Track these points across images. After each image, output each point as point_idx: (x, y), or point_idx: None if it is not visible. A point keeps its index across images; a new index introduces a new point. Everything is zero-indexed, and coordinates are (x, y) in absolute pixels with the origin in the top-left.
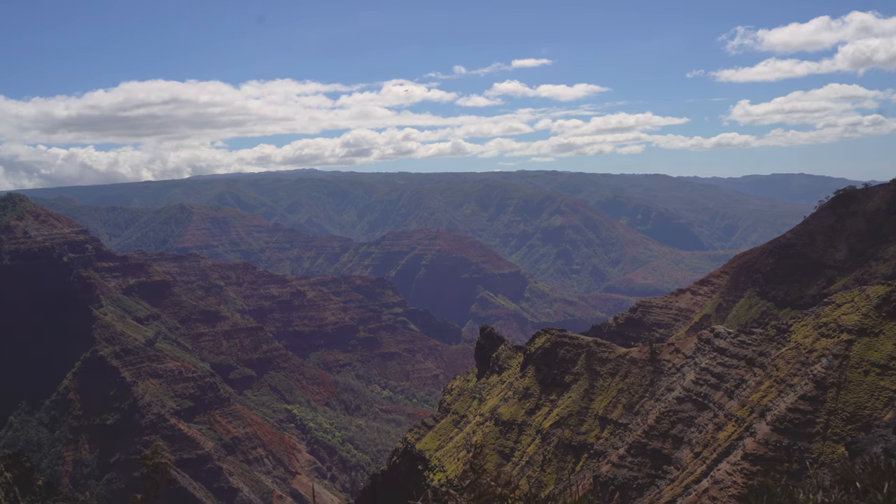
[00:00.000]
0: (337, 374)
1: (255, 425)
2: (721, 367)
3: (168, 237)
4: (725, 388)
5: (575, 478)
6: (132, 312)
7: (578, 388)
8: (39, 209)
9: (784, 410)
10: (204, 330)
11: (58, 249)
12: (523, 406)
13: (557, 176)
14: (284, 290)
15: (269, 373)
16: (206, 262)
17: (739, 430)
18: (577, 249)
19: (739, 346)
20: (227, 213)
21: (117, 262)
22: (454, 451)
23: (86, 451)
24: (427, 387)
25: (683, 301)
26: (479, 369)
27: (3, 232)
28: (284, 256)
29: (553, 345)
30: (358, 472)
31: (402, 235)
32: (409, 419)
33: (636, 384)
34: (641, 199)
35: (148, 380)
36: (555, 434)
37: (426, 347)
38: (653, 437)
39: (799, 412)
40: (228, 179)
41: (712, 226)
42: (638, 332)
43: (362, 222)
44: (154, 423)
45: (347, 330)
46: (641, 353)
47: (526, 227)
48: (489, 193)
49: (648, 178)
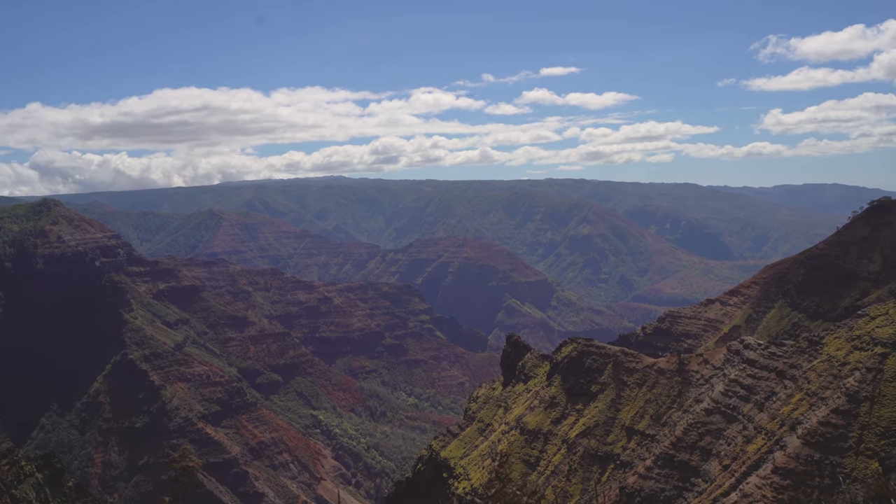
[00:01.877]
0: (363, 380)
1: (281, 430)
2: (751, 379)
3: (198, 242)
4: (755, 400)
5: (601, 488)
6: (162, 317)
7: (605, 398)
8: (73, 214)
9: (815, 424)
10: (232, 335)
11: (90, 254)
12: (549, 415)
13: (585, 184)
14: (312, 296)
15: (295, 378)
16: (234, 267)
17: (769, 444)
18: (604, 258)
19: (770, 357)
20: (256, 220)
21: (148, 267)
22: (479, 460)
23: (115, 454)
24: (452, 394)
25: (712, 311)
26: (504, 377)
27: (37, 236)
28: (312, 262)
29: (580, 354)
30: (383, 479)
31: (429, 243)
32: (434, 427)
33: (664, 395)
34: (670, 208)
35: (176, 383)
36: (581, 444)
37: (452, 355)
38: (680, 449)
39: (831, 426)
40: (258, 186)
41: (742, 236)
42: (666, 343)
43: (389, 229)
44: (182, 427)
45: (374, 336)
46: (669, 363)
47: (553, 235)
48: (517, 201)
49: (678, 187)
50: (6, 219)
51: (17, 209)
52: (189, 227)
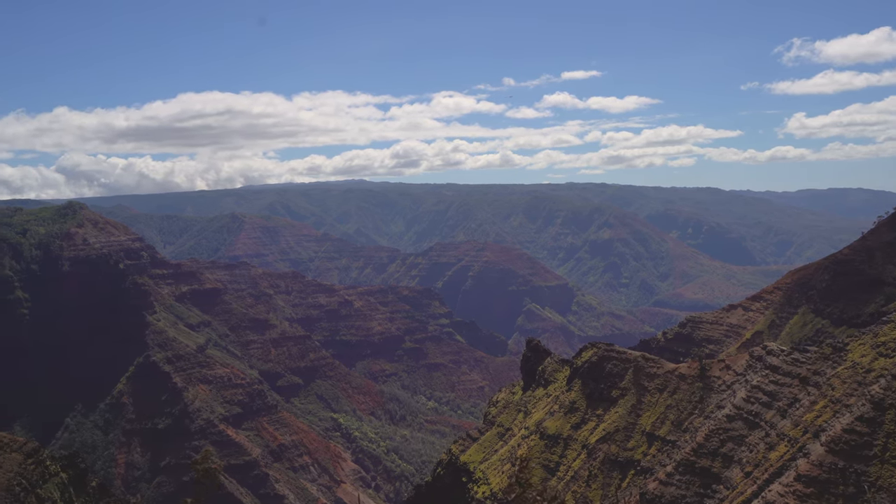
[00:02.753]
0: (383, 383)
1: (301, 433)
2: (773, 386)
3: (220, 245)
4: (778, 406)
5: (621, 494)
6: (184, 319)
7: (625, 404)
8: (98, 217)
9: (840, 431)
10: (253, 337)
11: (114, 256)
12: (569, 420)
13: (607, 188)
14: (332, 299)
15: (315, 381)
16: (256, 270)
17: (792, 451)
18: (625, 263)
19: (793, 364)
20: (278, 223)
21: (171, 270)
22: (498, 464)
23: (138, 455)
24: (472, 398)
25: (734, 317)
26: (524, 382)
27: (63, 239)
28: (333, 266)
29: (600, 359)
30: (402, 483)
31: (450, 247)
32: (453, 430)
33: (685, 400)
34: (692, 212)
35: (198, 385)
36: (601, 449)
37: (472, 359)
38: (702, 455)
39: (855, 434)
40: (279, 189)
41: (765, 241)
42: (687, 348)
43: (410, 233)
44: (203, 429)
45: (394, 340)
46: (691, 369)
47: (574, 239)
48: (537, 205)
49: (700, 192)
50: (33, 221)
51: (43, 212)
52: (211, 230)
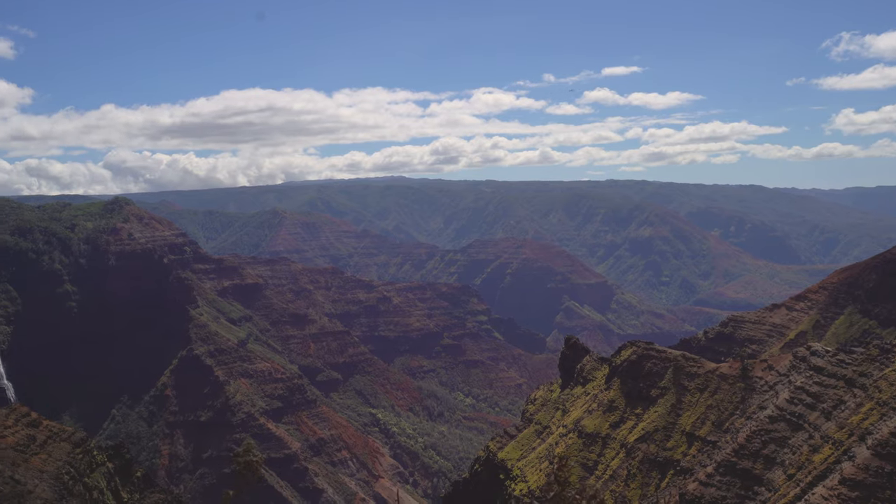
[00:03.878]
0: (421, 379)
1: (340, 428)
2: (818, 387)
3: (261, 241)
4: (822, 408)
5: (660, 494)
6: (226, 313)
7: (665, 403)
8: (143, 212)
9: (887, 435)
10: (293, 332)
11: (159, 251)
12: (608, 419)
13: (647, 185)
14: (371, 295)
15: (354, 376)
16: (296, 266)
17: (837, 454)
18: (666, 261)
19: (838, 365)
20: (318, 219)
21: (213, 265)
22: (536, 462)
23: (181, 446)
24: (510, 396)
25: (778, 317)
26: (563, 380)
27: (109, 234)
28: (372, 262)
29: (639, 357)
30: (440, 479)
31: (488, 243)
32: (491, 427)
33: (726, 401)
34: (735, 210)
35: (239, 379)
36: (640, 449)
37: (510, 356)
38: (743, 457)
39: None
40: (319, 186)
41: (811, 239)
42: (728, 348)
43: (449, 230)
44: (244, 422)
45: (432, 336)
46: (732, 369)
47: (614, 237)
48: (577, 202)
49: (743, 189)
50: (81, 216)
51: (90, 207)
52: (253, 225)
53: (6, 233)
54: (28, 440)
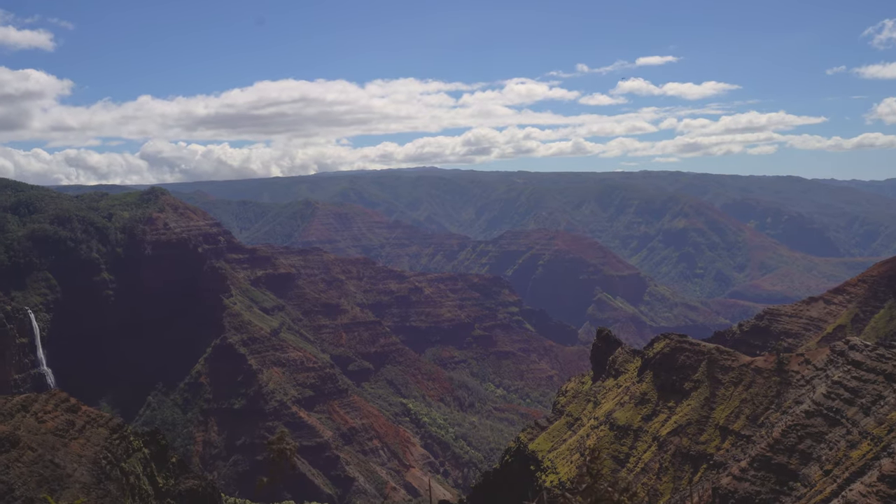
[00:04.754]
0: (452, 370)
1: (371, 417)
2: (856, 382)
3: (294, 231)
4: (861, 403)
5: (693, 488)
6: (259, 303)
7: (698, 396)
8: (178, 202)
9: None
10: (325, 322)
11: (193, 241)
12: (640, 411)
13: (681, 177)
14: (403, 285)
15: (385, 366)
16: (328, 256)
17: (876, 450)
18: (700, 253)
19: (878, 360)
20: (350, 209)
21: (247, 255)
22: (567, 454)
23: (214, 433)
24: (541, 387)
25: (815, 310)
26: (594, 372)
27: (145, 223)
28: (403, 252)
29: (673, 350)
30: (470, 469)
31: (520, 234)
32: (522, 419)
33: (761, 395)
34: (772, 201)
35: (272, 368)
36: (672, 442)
37: (541, 348)
38: (778, 452)
39: None
40: (352, 176)
41: (850, 231)
42: (764, 341)
43: (480, 220)
44: (277, 410)
45: (463, 327)
46: (767, 362)
47: (647, 228)
48: (610, 194)
49: (780, 180)
50: (118, 206)
51: (127, 197)
52: (286, 216)
53: (46, 222)
54: (67, 425)
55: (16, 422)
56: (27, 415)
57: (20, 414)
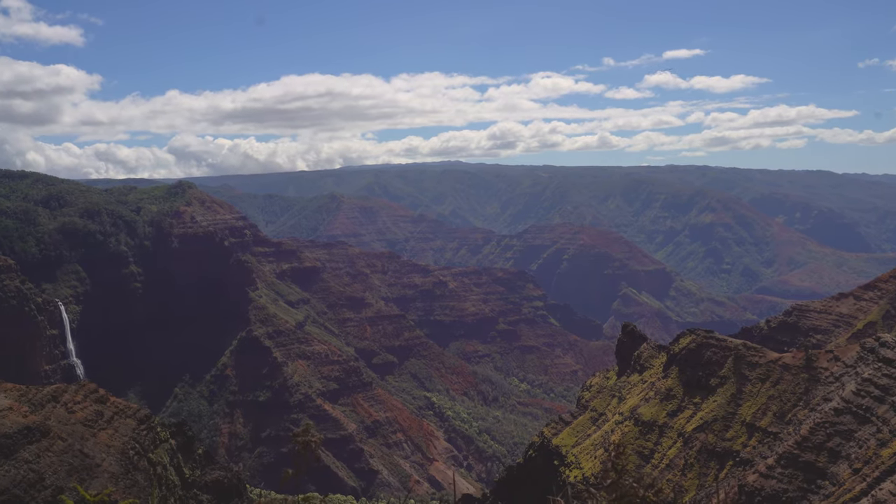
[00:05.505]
0: (475, 364)
1: (395, 410)
2: (887, 379)
3: (319, 225)
4: (891, 401)
5: (719, 485)
6: (284, 296)
7: (725, 393)
8: (205, 196)
9: None
10: (349, 315)
11: (220, 234)
12: (665, 407)
13: (709, 171)
14: (427, 279)
15: (409, 360)
16: (353, 249)
17: None
18: (727, 248)
19: None
20: (375, 203)
21: (272, 248)
22: (591, 449)
23: (240, 425)
24: (565, 382)
25: (845, 306)
26: (619, 367)
27: (173, 216)
28: (428, 247)
29: (699, 346)
30: (494, 463)
31: (545, 229)
32: (546, 413)
33: (788, 392)
34: (801, 196)
35: (297, 361)
36: (698, 438)
37: (566, 342)
38: (806, 449)
39: None
40: (376, 170)
41: (882, 227)
42: (792, 338)
43: (505, 215)
44: (301, 403)
45: (487, 321)
46: (795, 359)
47: (673, 223)
48: (635, 188)
49: (810, 175)
50: (146, 200)
51: (155, 191)
52: (311, 209)
53: (76, 215)
54: (96, 416)
55: (46, 412)
56: (57, 405)
57: (51, 404)
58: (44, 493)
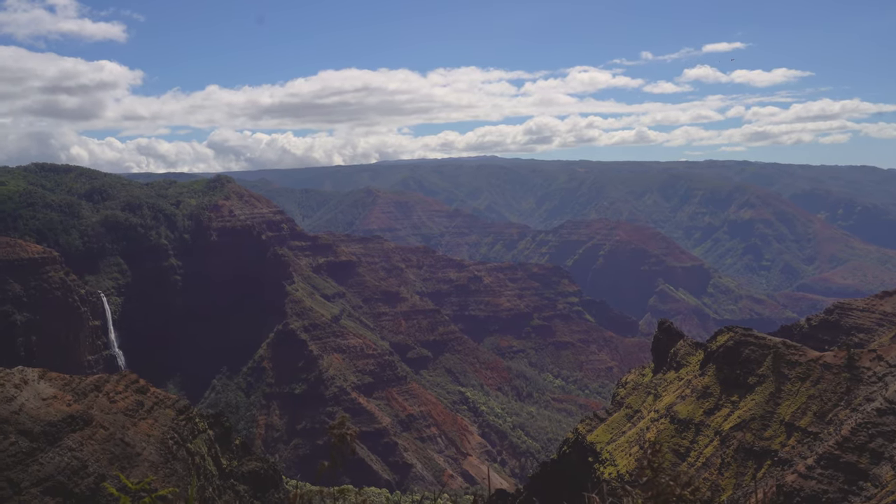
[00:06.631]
0: (510, 359)
1: (429, 405)
2: None
3: (355, 219)
4: None
5: (757, 485)
6: (320, 290)
7: (763, 391)
8: (243, 190)
9: None
10: (385, 310)
11: (257, 228)
12: (701, 405)
13: (748, 166)
14: (462, 274)
15: (444, 354)
16: (388, 244)
17: None
18: (767, 245)
19: None
20: (410, 198)
21: (309, 242)
22: (626, 446)
23: (276, 417)
24: (600, 378)
25: (889, 304)
26: (655, 364)
27: (212, 210)
28: (463, 241)
29: (737, 343)
30: (527, 459)
31: (581, 224)
32: (580, 410)
33: (829, 391)
34: (844, 192)
35: (332, 354)
36: (735, 437)
37: (601, 339)
38: (847, 450)
39: None
40: (412, 165)
41: None
42: (833, 336)
43: (541, 210)
44: (336, 396)
45: (522, 317)
46: (837, 358)
47: (712, 219)
48: (673, 184)
49: (853, 170)
50: (185, 193)
51: (194, 185)
52: (347, 204)
53: (118, 208)
54: (137, 406)
55: (89, 401)
56: (99, 395)
57: (93, 394)
58: (87, 480)
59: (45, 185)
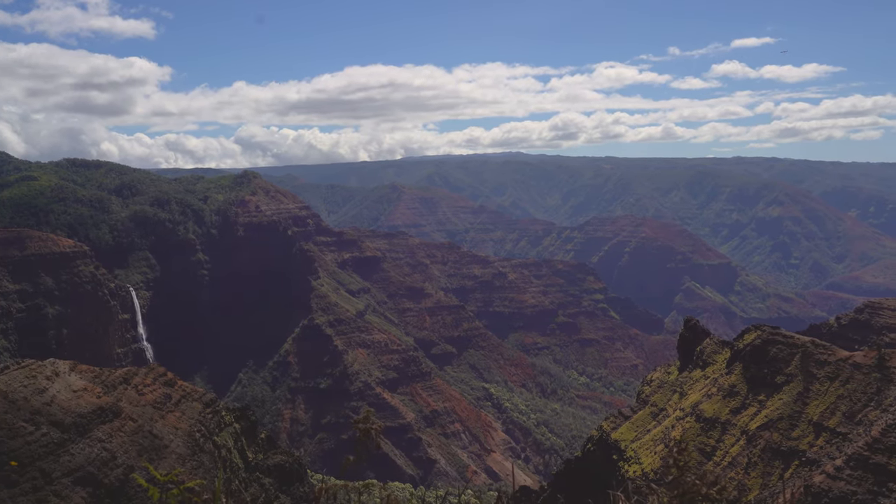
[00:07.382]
0: (534, 356)
1: (453, 401)
2: None
3: (380, 215)
4: None
5: (785, 485)
6: (345, 285)
7: (791, 391)
8: (269, 185)
9: None
10: (409, 305)
11: (283, 223)
12: (728, 404)
13: (777, 163)
14: (486, 270)
15: (468, 351)
16: (413, 240)
17: None
18: (796, 242)
19: None
20: (435, 194)
21: (334, 237)
22: (651, 444)
23: (301, 411)
24: (625, 376)
25: None
26: (681, 362)
27: (238, 205)
28: (488, 238)
29: (764, 342)
30: (552, 456)
31: (606, 221)
32: (605, 407)
33: (859, 391)
34: (875, 189)
35: (357, 349)
36: (762, 436)
37: (626, 336)
38: (877, 451)
39: None
40: (437, 161)
41: None
42: (863, 336)
43: (566, 206)
44: (361, 391)
45: (547, 313)
46: (867, 358)
47: (739, 216)
48: (700, 180)
49: (886, 167)
50: (213, 189)
51: (222, 180)
52: (372, 199)
53: (146, 204)
54: (164, 398)
55: (118, 393)
56: (128, 387)
57: (122, 386)
58: (116, 471)
59: (76, 180)
